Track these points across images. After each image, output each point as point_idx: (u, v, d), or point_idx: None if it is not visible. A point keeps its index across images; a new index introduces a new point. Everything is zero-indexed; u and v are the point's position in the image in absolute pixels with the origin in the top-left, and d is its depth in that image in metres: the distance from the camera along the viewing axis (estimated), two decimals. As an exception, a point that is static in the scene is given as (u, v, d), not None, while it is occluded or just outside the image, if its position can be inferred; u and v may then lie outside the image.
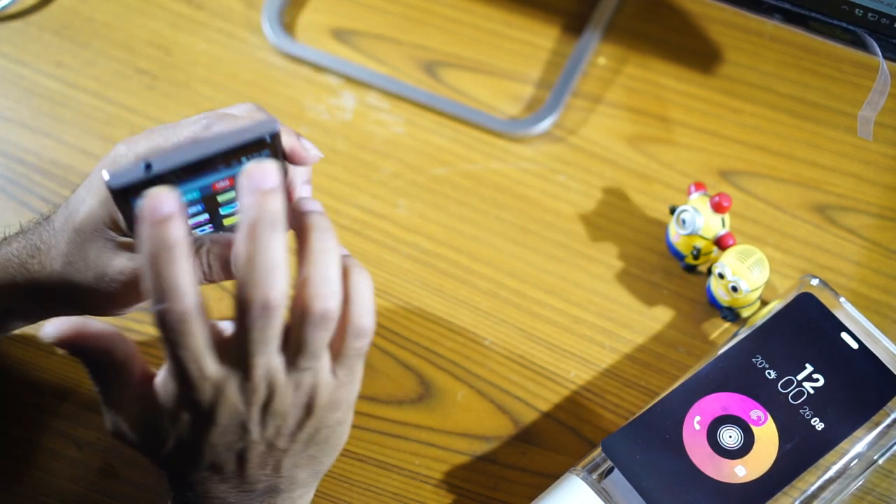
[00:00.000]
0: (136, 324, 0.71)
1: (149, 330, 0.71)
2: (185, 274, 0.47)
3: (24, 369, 0.69)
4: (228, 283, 0.69)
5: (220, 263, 0.56)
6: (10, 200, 0.75)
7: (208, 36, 0.82)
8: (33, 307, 0.61)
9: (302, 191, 0.58)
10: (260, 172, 0.47)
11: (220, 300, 0.72)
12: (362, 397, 0.59)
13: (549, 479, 0.64)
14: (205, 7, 0.83)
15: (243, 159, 0.53)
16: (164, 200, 0.46)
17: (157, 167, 0.51)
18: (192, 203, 0.55)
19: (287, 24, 0.83)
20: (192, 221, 0.57)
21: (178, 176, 0.52)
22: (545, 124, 0.77)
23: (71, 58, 0.81)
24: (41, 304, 0.61)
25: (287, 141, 0.55)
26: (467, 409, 0.68)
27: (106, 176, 0.50)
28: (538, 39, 0.82)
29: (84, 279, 0.58)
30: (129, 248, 0.57)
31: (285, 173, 0.56)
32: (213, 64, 0.81)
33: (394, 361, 0.70)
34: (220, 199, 0.56)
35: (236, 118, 0.56)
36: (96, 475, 0.66)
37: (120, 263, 0.57)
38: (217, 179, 0.54)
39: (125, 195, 0.52)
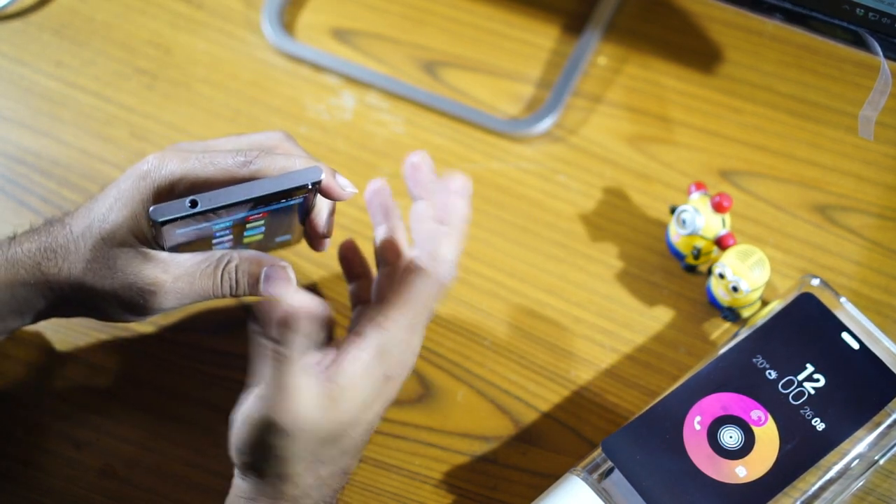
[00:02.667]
0: (136, 325, 0.71)
1: (142, 329, 0.71)
2: None
3: (24, 369, 0.69)
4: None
5: (247, 279, 0.59)
6: (9, 200, 0.75)
7: (208, 36, 0.82)
8: (43, 308, 0.61)
9: (328, 222, 0.61)
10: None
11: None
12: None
13: (549, 479, 0.64)
14: (204, 7, 0.83)
15: (282, 200, 0.55)
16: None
17: (203, 206, 0.54)
18: (221, 229, 0.56)
19: (287, 23, 0.82)
20: (214, 241, 0.58)
21: (218, 213, 0.54)
22: (545, 124, 0.77)
23: (70, 57, 0.81)
24: (52, 306, 0.61)
25: (324, 179, 0.57)
26: (467, 409, 0.68)
27: (151, 209, 0.54)
28: (538, 39, 0.82)
29: (106, 286, 0.58)
30: (158, 259, 0.58)
31: (311, 209, 0.59)
32: (213, 64, 0.81)
33: (394, 361, 0.70)
34: (247, 226, 0.58)
35: (275, 156, 0.57)
36: (96, 475, 0.66)
37: (152, 274, 0.58)
38: (252, 214, 0.56)
39: (165, 225, 0.55)
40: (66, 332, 0.70)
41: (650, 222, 0.74)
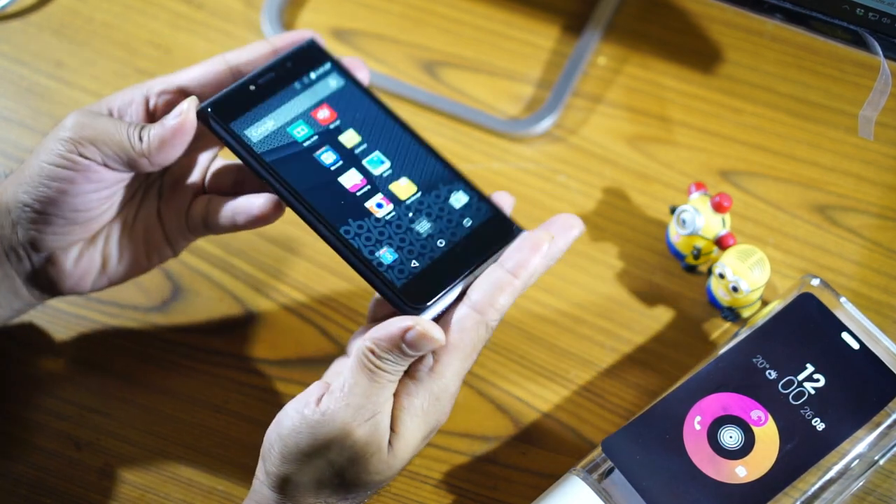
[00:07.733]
0: (136, 323, 0.71)
1: (142, 329, 0.71)
2: None
3: (24, 369, 0.69)
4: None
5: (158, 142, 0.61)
6: (9, 200, 0.75)
7: (208, 36, 0.82)
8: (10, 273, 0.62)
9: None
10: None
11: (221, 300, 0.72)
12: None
13: (549, 479, 0.64)
14: (205, 7, 0.83)
15: None
16: None
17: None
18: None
19: (287, 23, 0.83)
20: None
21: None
22: (545, 124, 0.77)
23: (70, 57, 0.81)
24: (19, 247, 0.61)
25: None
26: (467, 409, 0.68)
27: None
28: (538, 39, 0.82)
29: (37, 168, 0.61)
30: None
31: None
32: (213, 64, 0.81)
33: (394, 361, 0.70)
34: None
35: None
36: (96, 475, 0.66)
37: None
38: None
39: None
40: (67, 332, 0.70)
41: (650, 222, 0.74)
